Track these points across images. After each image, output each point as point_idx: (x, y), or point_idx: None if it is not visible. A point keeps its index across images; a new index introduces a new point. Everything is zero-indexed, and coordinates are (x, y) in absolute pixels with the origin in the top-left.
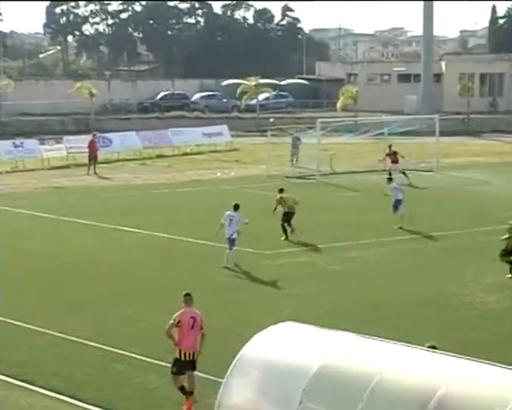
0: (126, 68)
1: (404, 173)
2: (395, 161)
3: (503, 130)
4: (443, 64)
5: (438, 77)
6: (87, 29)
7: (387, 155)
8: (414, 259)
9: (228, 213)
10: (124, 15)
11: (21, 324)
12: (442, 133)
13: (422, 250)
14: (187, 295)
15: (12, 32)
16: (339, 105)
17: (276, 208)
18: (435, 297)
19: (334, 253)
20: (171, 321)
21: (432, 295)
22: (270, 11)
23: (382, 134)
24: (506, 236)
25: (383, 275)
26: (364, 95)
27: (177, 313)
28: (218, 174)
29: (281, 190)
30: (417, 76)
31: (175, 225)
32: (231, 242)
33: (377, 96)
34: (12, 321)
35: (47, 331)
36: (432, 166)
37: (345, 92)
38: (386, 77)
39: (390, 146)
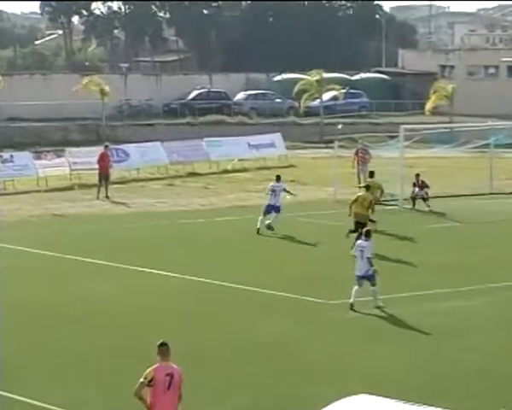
0: (149, 59)
1: (424, 200)
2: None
3: None
4: None
5: None
6: (97, 7)
7: (415, 185)
8: None
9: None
10: None
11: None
12: None
13: None
14: (162, 345)
15: (0, 12)
16: (429, 107)
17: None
18: None
19: (424, 303)
20: (142, 379)
21: None
22: None
23: (488, 146)
24: None
25: (489, 333)
26: (463, 94)
27: (149, 369)
28: None
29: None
30: None
31: (215, 266)
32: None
33: (480, 95)
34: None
35: None
36: None
37: (437, 90)
38: (492, 70)
39: (417, 175)
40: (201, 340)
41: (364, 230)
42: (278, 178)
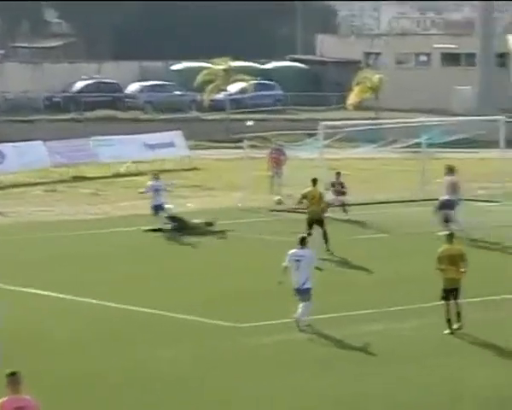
0: (26, 45)
1: (343, 207)
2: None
3: None
4: (510, 39)
5: (503, 58)
6: None
7: (333, 185)
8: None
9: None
10: None
11: None
12: (510, 144)
13: (479, 322)
14: (12, 374)
15: None
16: (352, 101)
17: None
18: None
19: (348, 326)
20: None
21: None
22: None
23: (420, 145)
24: None
25: (420, 361)
26: (391, 85)
27: None
28: (171, 206)
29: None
30: (471, 56)
31: (109, 286)
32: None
33: (411, 86)
34: None
35: None
36: (495, 193)
37: (362, 81)
38: (424, 58)
39: (338, 174)
40: (84, 370)
41: (299, 236)
42: (157, 176)
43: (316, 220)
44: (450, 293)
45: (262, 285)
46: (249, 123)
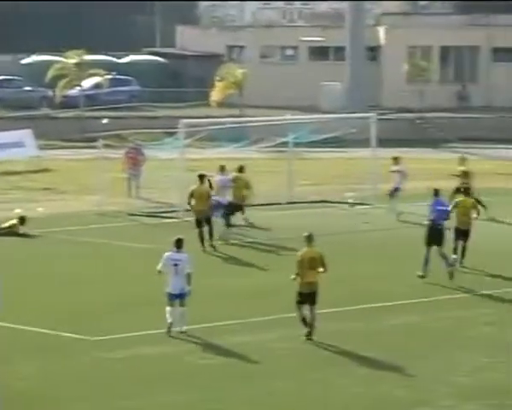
0: None
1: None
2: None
3: (478, 137)
4: (381, 32)
5: (374, 52)
6: None
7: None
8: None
9: None
10: None
11: None
12: (382, 142)
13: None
14: None
15: None
16: (215, 97)
17: None
18: None
19: (213, 337)
20: None
21: None
22: None
23: (286, 144)
24: None
25: (285, 376)
26: (256, 80)
27: None
28: (18, 210)
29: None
30: (340, 50)
31: None
32: None
33: (277, 82)
34: None
35: None
36: (366, 195)
37: (225, 76)
38: (290, 51)
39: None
40: None
41: (175, 238)
42: None
43: (204, 219)
44: (308, 297)
45: (119, 296)
46: (104, 121)
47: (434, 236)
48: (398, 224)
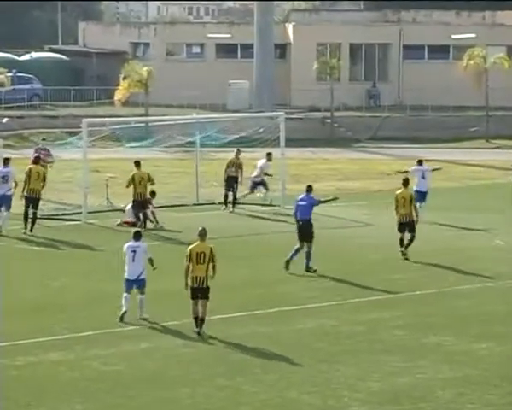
0: None
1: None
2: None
3: (389, 137)
4: (290, 28)
5: (282, 49)
6: None
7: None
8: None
9: None
10: None
11: None
12: (291, 142)
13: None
14: None
15: None
16: (119, 96)
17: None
18: None
19: (116, 342)
20: None
21: None
22: None
23: (193, 145)
24: None
25: (192, 385)
26: (162, 79)
27: None
28: None
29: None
30: (248, 47)
31: None
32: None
33: (183, 80)
34: None
35: None
36: (274, 196)
37: (129, 74)
38: (197, 49)
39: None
40: None
41: (134, 230)
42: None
43: (143, 202)
44: (198, 292)
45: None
46: (4, 120)
47: (301, 232)
48: None
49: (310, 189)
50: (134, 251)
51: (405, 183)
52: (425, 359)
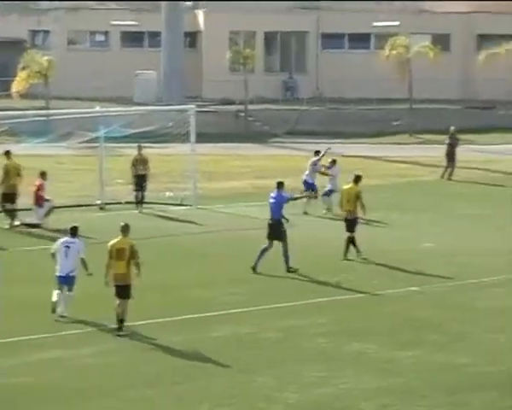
0: None
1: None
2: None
3: (308, 131)
4: (200, 15)
5: (192, 38)
6: None
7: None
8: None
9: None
10: None
11: None
12: (202, 137)
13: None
14: None
15: None
16: (18, 87)
17: None
18: None
19: (20, 352)
20: None
21: None
22: None
23: (97, 140)
24: None
25: (116, 396)
26: (64, 69)
27: None
28: None
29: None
30: (156, 35)
31: None
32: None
33: (86, 70)
34: None
35: None
36: (185, 195)
37: (28, 64)
38: (101, 37)
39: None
40: None
41: (71, 226)
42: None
43: (9, 194)
44: (118, 290)
45: None
46: None
47: (271, 231)
48: (220, 226)
49: (280, 185)
50: (68, 247)
51: (356, 179)
52: (347, 368)
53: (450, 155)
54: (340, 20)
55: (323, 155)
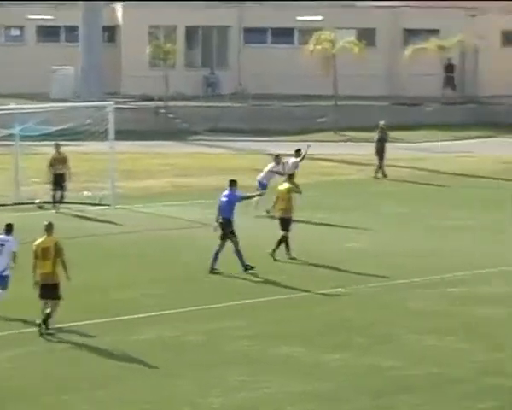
0: None
1: None
2: None
3: (230, 128)
4: (118, 9)
5: (111, 32)
6: None
7: None
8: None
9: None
10: None
11: None
12: (121, 134)
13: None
14: None
15: None
16: None
17: None
18: None
19: None
20: None
21: None
22: None
23: (12, 138)
24: None
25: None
26: None
27: None
28: None
29: None
30: (73, 30)
31: None
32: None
33: (1, 66)
34: None
35: None
36: (104, 195)
37: None
38: (16, 31)
39: None
40: None
41: (6, 223)
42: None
43: None
44: (45, 290)
45: None
46: None
47: (222, 231)
48: (139, 227)
49: (233, 183)
50: (2, 245)
51: (290, 176)
52: (272, 371)
53: (381, 152)
54: (263, 14)
55: (304, 157)
